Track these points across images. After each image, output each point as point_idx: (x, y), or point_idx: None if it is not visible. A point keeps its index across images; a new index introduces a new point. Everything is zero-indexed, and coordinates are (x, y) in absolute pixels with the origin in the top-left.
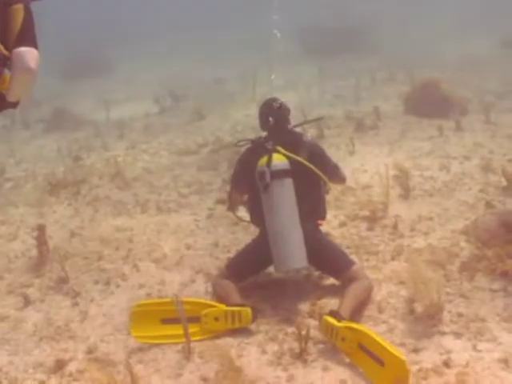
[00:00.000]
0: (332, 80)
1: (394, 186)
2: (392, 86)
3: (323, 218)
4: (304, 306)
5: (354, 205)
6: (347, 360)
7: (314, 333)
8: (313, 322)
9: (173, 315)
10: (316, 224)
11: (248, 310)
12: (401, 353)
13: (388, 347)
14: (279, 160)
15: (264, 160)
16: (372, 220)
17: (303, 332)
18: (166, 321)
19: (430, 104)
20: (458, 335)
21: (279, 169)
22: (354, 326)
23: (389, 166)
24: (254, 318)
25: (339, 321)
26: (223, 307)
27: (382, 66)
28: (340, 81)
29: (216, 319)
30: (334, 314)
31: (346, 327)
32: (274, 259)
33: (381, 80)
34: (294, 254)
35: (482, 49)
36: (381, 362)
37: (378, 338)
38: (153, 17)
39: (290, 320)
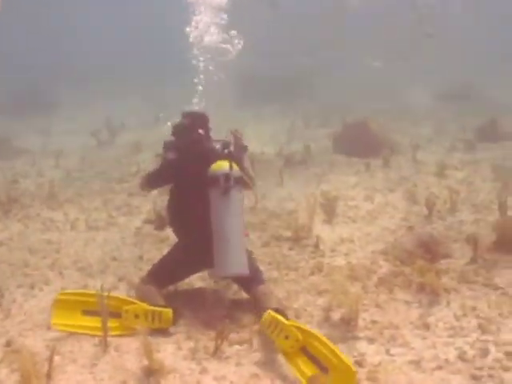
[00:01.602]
0: (268, 123)
1: (319, 212)
2: (325, 129)
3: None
4: (221, 311)
5: (278, 227)
6: (265, 359)
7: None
8: (230, 326)
9: (94, 307)
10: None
11: (169, 311)
12: (351, 364)
13: (341, 356)
14: (236, 168)
15: (222, 164)
16: (295, 240)
17: (219, 332)
18: (87, 312)
19: (359, 143)
20: (371, 340)
21: (239, 176)
22: (304, 327)
23: (315, 194)
24: (175, 320)
25: (287, 319)
26: (145, 305)
27: (318, 112)
28: (276, 124)
29: (136, 316)
30: (280, 311)
31: (295, 326)
32: (217, 263)
33: (315, 124)
34: (241, 260)
35: (420, 100)
36: (324, 369)
37: (329, 345)
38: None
39: (207, 322)
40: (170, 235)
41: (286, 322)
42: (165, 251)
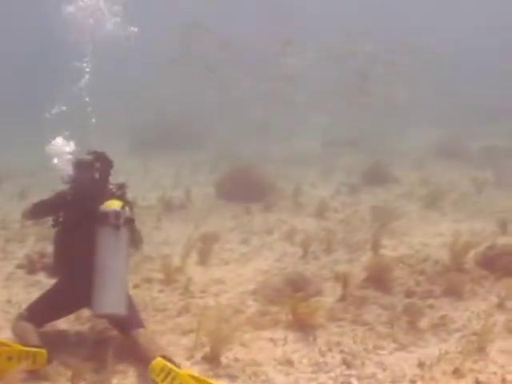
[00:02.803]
0: (156, 171)
1: (194, 255)
2: (212, 175)
3: None
4: (84, 351)
5: (150, 270)
6: None
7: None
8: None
9: None
10: None
11: (43, 351)
12: None
13: None
14: (127, 209)
15: (114, 202)
16: (166, 283)
17: (75, 373)
18: None
19: (241, 189)
20: (233, 378)
21: (129, 217)
22: (198, 375)
23: (191, 238)
24: (49, 360)
25: (179, 367)
26: (18, 347)
27: (207, 158)
28: (163, 171)
29: (9, 358)
30: (169, 359)
31: (189, 375)
32: (95, 301)
33: (203, 170)
34: (118, 301)
35: (307, 147)
36: None
37: None
38: None
39: (66, 363)
40: (42, 279)
41: (179, 370)
42: (34, 295)
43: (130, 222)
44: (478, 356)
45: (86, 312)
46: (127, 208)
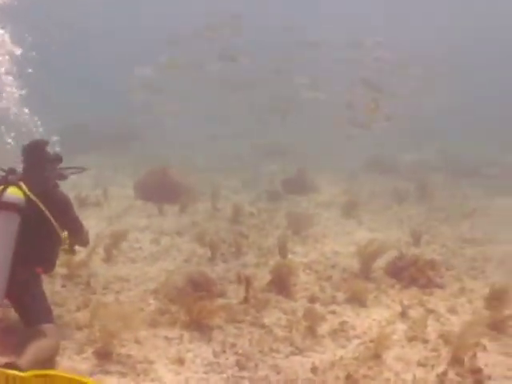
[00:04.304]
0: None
1: (100, 252)
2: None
3: (46, 268)
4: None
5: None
6: None
7: None
8: None
9: None
10: (34, 270)
11: None
12: None
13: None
14: (14, 194)
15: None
16: (69, 278)
17: None
18: None
19: (158, 190)
20: (123, 374)
21: (9, 201)
22: (45, 372)
23: (100, 234)
24: None
25: (22, 371)
26: None
27: (132, 161)
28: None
29: None
30: (11, 365)
31: (36, 375)
32: None
33: (126, 172)
34: None
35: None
36: None
37: (73, 376)
38: None
39: None
40: None
41: (23, 374)
42: None
43: (12, 206)
44: (374, 363)
45: None
46: (11, 191)
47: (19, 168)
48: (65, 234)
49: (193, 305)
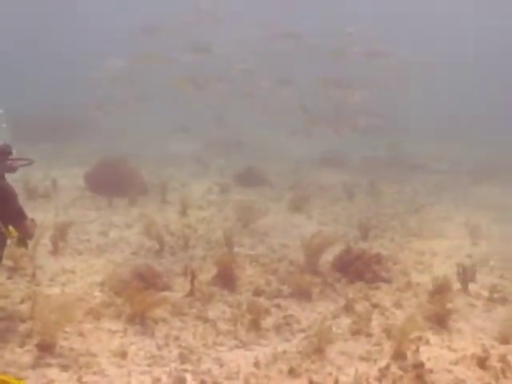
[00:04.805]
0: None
1: (47, 243)
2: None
3: None
4: None
5: None
6: None
7: None
8: None
9: None
10: None
11: None
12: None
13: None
14: None
15: None
16: (14, 270)
17: None
18: None
19: (110, 183)
20: (64, 367)
21: None
22: None
23: (45, 225)
24: None
25: None
26: None
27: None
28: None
29: None
30: None
31: None
32: None
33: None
34: None
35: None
36: None
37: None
38: None
39: None
40: None
41: None
42: None
43: None
44: (317, 357)
45: None
46: None
47: None
48: (11, 228)
49: (135, 297)
